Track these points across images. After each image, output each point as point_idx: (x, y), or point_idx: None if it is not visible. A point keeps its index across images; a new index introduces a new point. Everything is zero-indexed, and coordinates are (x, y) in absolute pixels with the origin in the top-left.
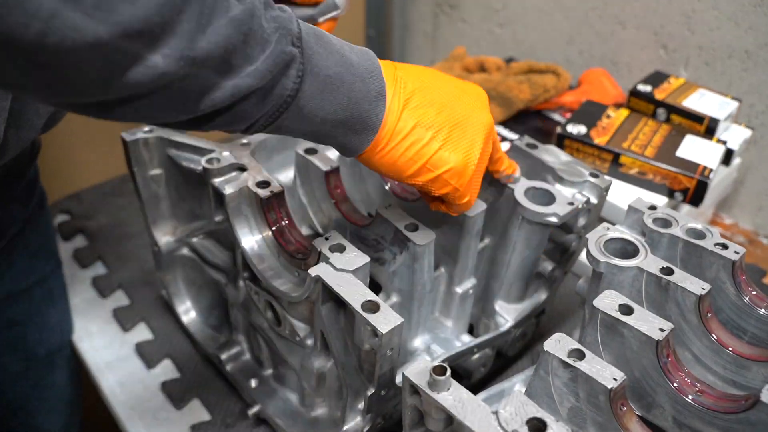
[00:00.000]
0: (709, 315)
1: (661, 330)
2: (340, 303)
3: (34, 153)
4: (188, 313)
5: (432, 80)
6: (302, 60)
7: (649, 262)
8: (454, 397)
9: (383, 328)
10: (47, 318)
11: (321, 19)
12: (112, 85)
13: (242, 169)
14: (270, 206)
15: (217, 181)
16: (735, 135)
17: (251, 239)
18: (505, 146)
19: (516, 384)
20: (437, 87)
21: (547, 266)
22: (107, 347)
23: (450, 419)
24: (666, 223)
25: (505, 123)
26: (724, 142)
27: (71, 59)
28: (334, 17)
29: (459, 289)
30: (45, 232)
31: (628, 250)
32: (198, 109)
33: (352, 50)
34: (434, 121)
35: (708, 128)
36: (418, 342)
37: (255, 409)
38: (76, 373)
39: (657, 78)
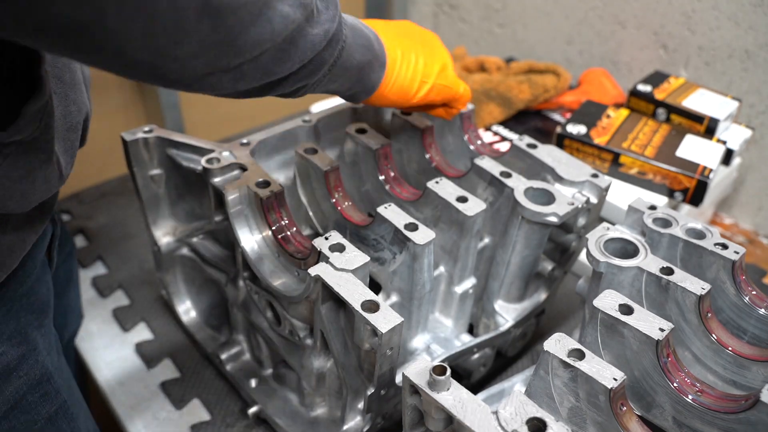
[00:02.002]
0: (709, 315)
1: (661, 330)
2: (339, 302)
3: None
4: (188, 313)
5: (381, 21)
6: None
7: (649, 262)
8: (454, 397)
9: (383, 328)
10: (69, 300)
11: None
12: (264, 41)
13: (242, 169)
14: (270, 206)
15: (217, 181)
16: (735, 135)
17: (251, 239)
18: (504, 146)
19: (516, 384)
20: (396, 23)
21: (547, 266)
22: (107, 347)
23: (450, 419)
24: (666, 223)
25: (505, 123)
26: (724, 142)
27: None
28: None
29: (459, 289)
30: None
31: (628, 250)
32: (304, 57)
33: None
34: (411, 45)
35: (708, 128)
36: (418, 342)
37: (255, 409)
38: (80, 368)
39: (657, 78)
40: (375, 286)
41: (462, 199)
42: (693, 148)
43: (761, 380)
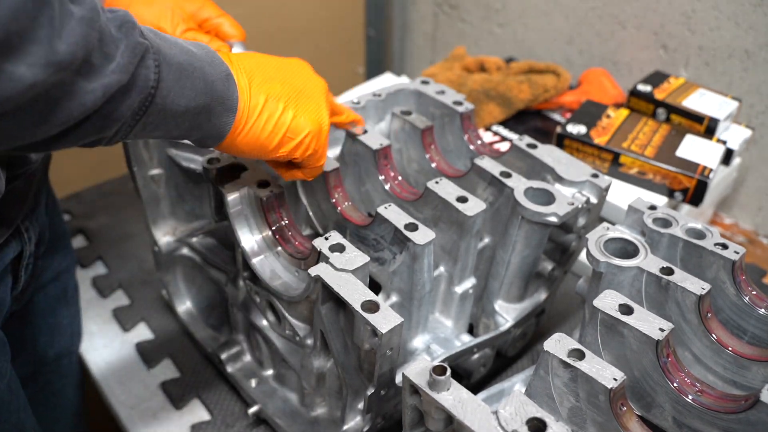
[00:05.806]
0: (709, 315)
1: (661, 330)
2: (340, 303)
3: None
4: (188, 313)
5: (262, 58)
6: (154, 50)
7: (649, 262)
8: (454, 397)
9: (383, 328)
10: (59, 319)
11: None
12: None
13: (242, 168)
14: (270, 206)
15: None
16: (735, 135)
17: (251, 239)
18: (504, 146)
19: (516, 384)
20: (269, 63)
21: (547, 266)
22: (107, 347)
23: (450, 419)
24: (666, 223)
25: (505, 123)
26: (724, 142)
27: None
28: None
29: (459, 289)
30: (59, 227)
31: (628, 250)
32: (70, 118)
33: (186, 42)
34: (281, 92)
35: (708, 128)
36: (418, 342)
37: (255, 409)
38: (82, 384)
39: (657, 78)
40: (375, 286)
41: (462, 199)
42: (693, 148)
43: (761, 380)
